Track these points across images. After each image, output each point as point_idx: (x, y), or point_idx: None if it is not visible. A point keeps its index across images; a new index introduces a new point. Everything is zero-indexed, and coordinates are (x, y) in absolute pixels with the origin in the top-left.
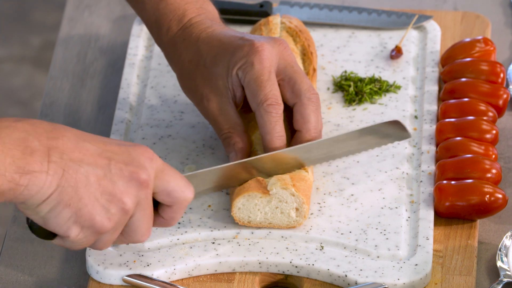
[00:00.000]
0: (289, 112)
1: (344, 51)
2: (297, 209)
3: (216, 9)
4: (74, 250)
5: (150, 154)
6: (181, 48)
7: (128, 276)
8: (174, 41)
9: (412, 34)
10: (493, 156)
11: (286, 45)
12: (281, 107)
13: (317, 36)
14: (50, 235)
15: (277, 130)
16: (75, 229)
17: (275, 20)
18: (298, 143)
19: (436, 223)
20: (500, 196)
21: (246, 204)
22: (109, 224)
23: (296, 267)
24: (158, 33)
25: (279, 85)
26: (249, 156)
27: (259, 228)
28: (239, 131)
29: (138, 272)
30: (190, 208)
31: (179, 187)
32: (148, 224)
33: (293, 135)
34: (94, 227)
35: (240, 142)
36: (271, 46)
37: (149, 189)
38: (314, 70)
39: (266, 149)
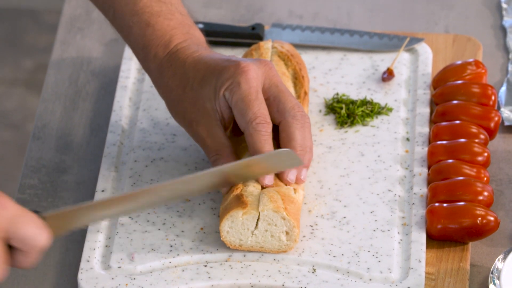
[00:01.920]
0: (276, 131)
1: (336, 74)
2: (287, 233)
3: (202, 35)
4: None
5: (2, 202)
6: (168, 73)
7: None
8: (161, 67)
9: (403, 57)
10: (485, 178)
11: (271, 65)
12: (270, 125)
13: (309, 58)
14: None
15: (266, 148)
16: None
17: (267, 45)
18: None
19: (428, 245)
20: (492, 218)
21: (232, 225)
22: None
23: None
24: (145, 59)
25: None
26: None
27: (251, 251)
28: (227, 153)
29: None
30: (182, 231)
31: (32, 234)
32: (1, 268)
33: None
34: None
35: (229, 162)
36: (256, 66)
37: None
38: (306, 93)
39: None
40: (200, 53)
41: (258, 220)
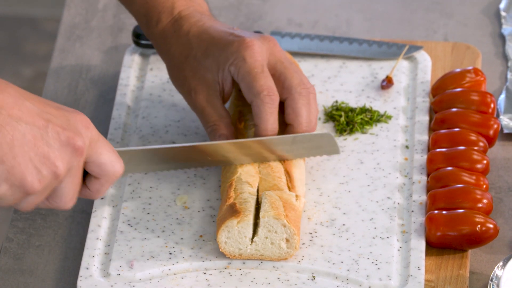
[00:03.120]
0: (281, 107)
1: (335, 81)
2: (287, 240)
3: (205, 2)
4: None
5: (87, 122)
6: (171, 40)
7: None
8: (164, 34)
9: (402, 65)
10: (484, 186)
11: (275, 42)
12: (277, 98)
13: (308, 66)
14: None
15: (271, 120)
16: (4, 185)
17: None
18: None
19: (428, 253)
20: (491, 226)
21: (229, 235)
22: (39, 186)
23: None
24: (148, 25)
25: None
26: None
27: (251, 259)
28: (225, 123)
29: None
30: (182, 239)
31: (110, 161)
32: (74, 192)
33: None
34: (24, 187)
35: (226, 134)
36: (260, 42)
37: (82, 157)
38: None
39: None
40: (204, 22)
41: (256, 227)
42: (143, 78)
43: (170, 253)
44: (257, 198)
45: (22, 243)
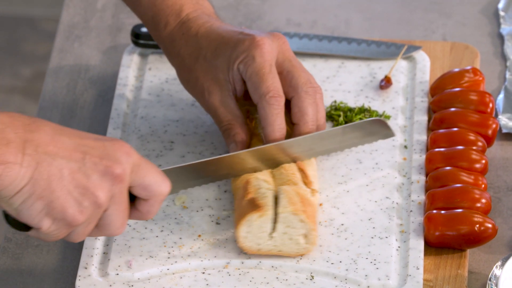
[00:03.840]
0: (288, 106)
1: (334, 81)
2: (305, 236)
3: (211, 5)
4: (48, 241)
5: (127, 148)
6: (180, 42)
7: None
8: (172, 36)
9: (401, 64)
10: (483, 186)
11: (284, 40)
12: (283, 99)
13: (306, 66)
14: (24, 227)
15: (278, 122)
16: (47, 221)
17: None
18: (297, 136)
19: (426, 252)
20: (489, 225)
21: (249, 230)
22: (81, 217)
23: None
24: (156, 28)
25: None
26: (249, 147)
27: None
28: (239, 123)
29: None
30: (180, 238)
31: (155, 182)
32: (122, 218)
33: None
34: (66, 219)
35: (241, 133)
36: (271, 40)
37: (124, 183)
38: None
39: (267, 141)
40: (212, 23)
41: (275, 222)
42: (141, 78)
43: (169, 253)
44: (274, 194)
45: (21, 243)
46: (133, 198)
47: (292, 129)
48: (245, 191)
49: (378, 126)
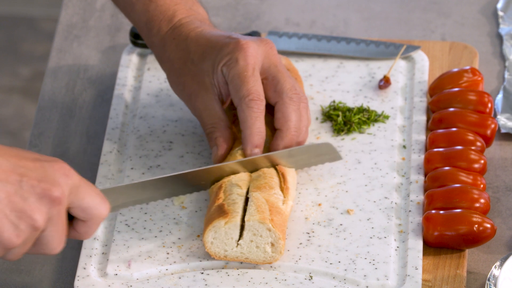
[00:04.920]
0: (271, 111)
1: (333, 81)
2: (272, 244)
3: (205, 12)
4: None
5: (66, 170)
6: (170, 47)
7: None
8: (164, 41)
9: (400, 64)
10: (482, 186)
11: (272, 45)
12: (263, 103)
13: (305, 66)
14: None
15: (257, 125)
16: None
17: None
18: (278, 141)
19: (425, 252)
20: (488, 225)
21: (216, 236)
22: (17, 241)
23: None
24: (149, 34)
25: (262, 83)
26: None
27: (234, 260)
28: (222, 126)
29: None
30: (179, 238)
31: (94, 204)
32: (60, 238)
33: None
34: (2, 242)
35: (221, 137)
36: (257, 45)
37: (62, 206)
38: None
39: (245, 144)
40: (203, 29)
41: (242, 229)
42: (140, 78)
43: (168, 253)
44: (246, 200)
45: None
46: (71, 217)
47: (274, 135)
48: (216, 196)
49: (325, 150)
